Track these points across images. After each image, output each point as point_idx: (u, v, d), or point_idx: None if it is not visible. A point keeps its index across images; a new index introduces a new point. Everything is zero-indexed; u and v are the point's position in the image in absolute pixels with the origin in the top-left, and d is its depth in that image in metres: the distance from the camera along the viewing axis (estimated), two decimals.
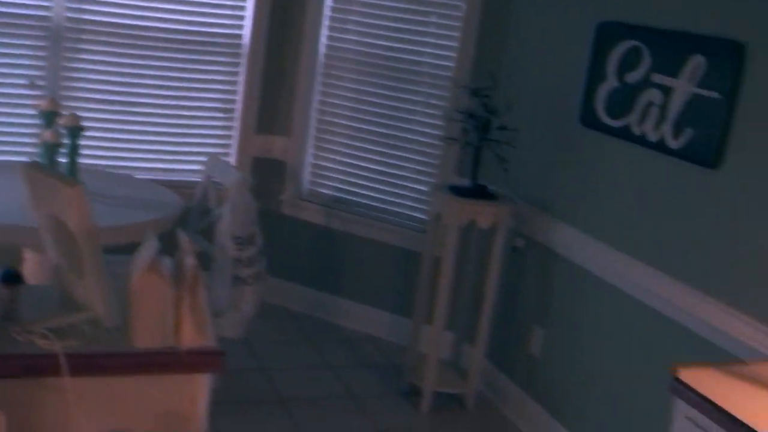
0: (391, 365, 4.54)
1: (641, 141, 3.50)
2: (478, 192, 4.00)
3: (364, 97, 4.71)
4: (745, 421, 2.13)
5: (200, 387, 2.20)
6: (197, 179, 4.45)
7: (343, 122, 4.80)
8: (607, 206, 3.69)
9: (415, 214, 4.66)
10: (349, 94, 4.75)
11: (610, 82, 3.68)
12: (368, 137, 4.74)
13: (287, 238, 4.97)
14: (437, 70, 4.52)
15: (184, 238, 2.25)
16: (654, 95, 3.46)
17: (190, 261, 2.15)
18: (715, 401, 2.22)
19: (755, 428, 2.11)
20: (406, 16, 4.55)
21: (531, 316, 4.14)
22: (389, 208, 4.75)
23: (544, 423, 3.99)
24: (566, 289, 3.91)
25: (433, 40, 4.53)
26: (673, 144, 3.35)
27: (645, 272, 3.43)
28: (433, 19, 4.53)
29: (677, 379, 2.32)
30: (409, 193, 4.69)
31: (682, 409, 2.32)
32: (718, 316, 3.05)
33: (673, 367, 2.36)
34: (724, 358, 2.88)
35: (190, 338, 2.16)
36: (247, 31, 4.71)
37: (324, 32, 4.74)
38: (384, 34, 4.61)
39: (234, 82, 4.79)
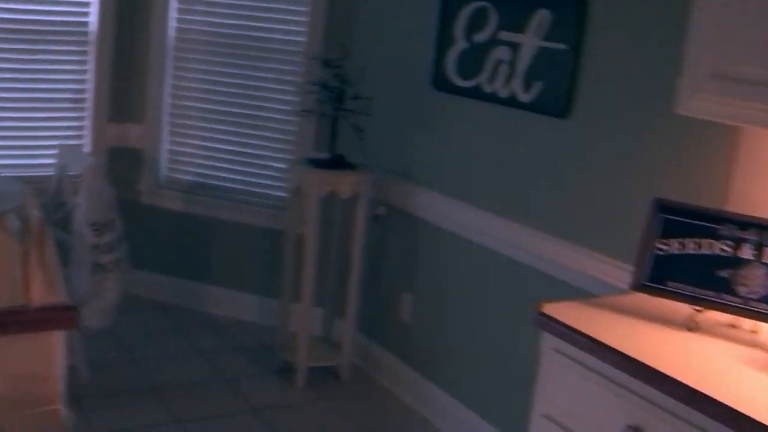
0: (263, 347, 4.49)
1: (493, 98, 3.55)
2: (336, 163, 3.99)
3: (217, 78, 4.63)
4: (611, 344, 2.18)
5: (55, 345, 2.10)
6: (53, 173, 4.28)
7: (198, 105, 4.71)
8: (464, 166, 3.73)
9: (276, 193, 4.62)
10: (201, 76, 4.67)
11: (459, 44, 3.71)
12: (224, 118, 4.67)
13: (148, 229, 4.85)
14: (288, 45, 4.48)
15: (27, 192, 2.13)
16: (502, 52, 3.51)
17: (35, 214, 2.05)
18: (579, 329, 2.25)
19: (620, 350, 2.15)
20: None
21: (398, 282, 4.15)
22: (250, 189, 4.69)
23: (419, 386, 4.01)
24: (431, 252, 3.93)
25: (282, 16, 4.49)
26: (524, 98, 3.41)
27: (506, 226, 3.48)
28: None
29: (542, 314, 2.35)
30: (269, 172, 4.64)
31: (549, 342, 2.36)
32: (574, 258, 3.14)
33: (537, 305, 2.39)
34: (582, 296, 2.95)
35: (40, 295, 2.06)
36: (93, 18, 4.57)
37: (172, 15, 4.64)
38: (232, 12, 4.55)
39: (83, 71, 4.64)
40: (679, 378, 2.03)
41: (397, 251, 4.16)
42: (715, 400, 1.94)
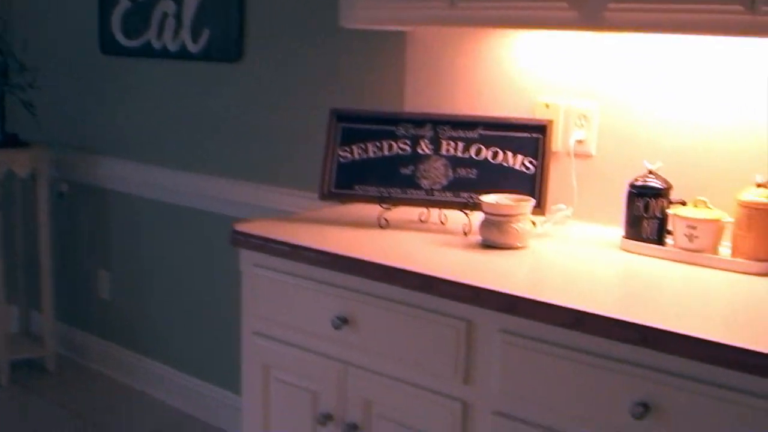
0: None
1: (164, 54, 3.46)
2: (8, 142, 3.73)
3: None
4: (308, 245, 2.17)
5: None
6: None
7: None
8: (145, 128, 3.61)
9: None
10: None
11: (123, 4, 3.58)
12: None
13: None
14: None
15: None
16: (167, 6, 3.43)
17: None
18: (276, 238, 2.23)
19: (318, 248, 2.15)
20: None
21: (93, 261, 3.96)
22: None
23: (130, 362, 3.85)
24: (123, 222, 3.78)
25: None
26: (194, 48, 3.35)
27: (194, 180, 3.41)
28: None
29: (237, 232, 2.30)
30: None
31: (247, 258, 2.32)
32: (265, 197, 3.15)
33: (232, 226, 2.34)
34: None
35: None
36: None
37: None
38: None
39: None
40: (377, 261, 2.05)
41: (87, 228, 3.97)
42: (412, 272, 1.98)
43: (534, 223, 2.25)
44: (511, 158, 2.36)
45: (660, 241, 2.19)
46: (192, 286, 3.53)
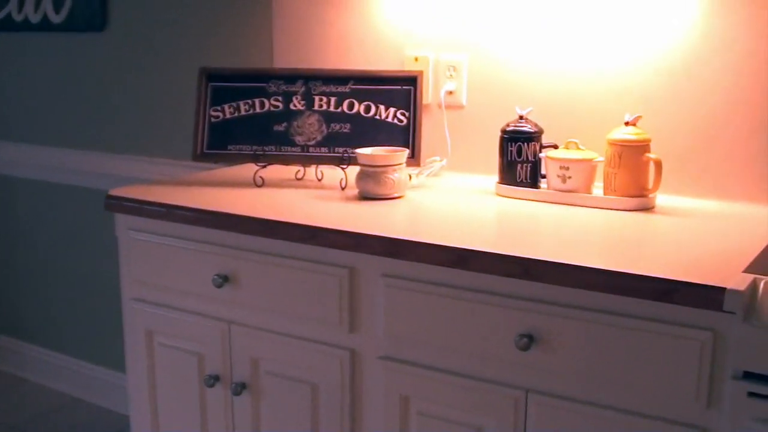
0: None
1: (26, 26, 3.29)
2: None
3: None
4: (184, 205, 2.09)
5: None
6: None
7: None
8: (9, 104, 3.43)
9: None
10: None
11: None
12: None
13: None
14: None
15: None
16: None
17: None
18: (150, 200, 2.14)
19: (195, 207, 2.07)
20: None
21: None
22: None
23: (8, 347, 3.66)
24: (3, 208, 3.58)
25: None
26: (56, 19, 3.19)
27: (64, 155, 3.27)
28: None
29: (111, 197, 2.20)
30: None
31: (122, 223, 2.22)
32: (142, 168, 3.02)
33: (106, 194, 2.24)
34: None
35: None
36: None
37: None
38: None
39: None
40: (256, 215, 1.98)
41: None
42: (291, 224, 1.93)
43: (410, 176, 2.21)
44: (383, 111, 2.33)
45: (534, 185, 2.20)
46: (71, 265, 3.39)
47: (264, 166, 2.33)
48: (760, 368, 1.45)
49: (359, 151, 2.17)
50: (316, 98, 2.35)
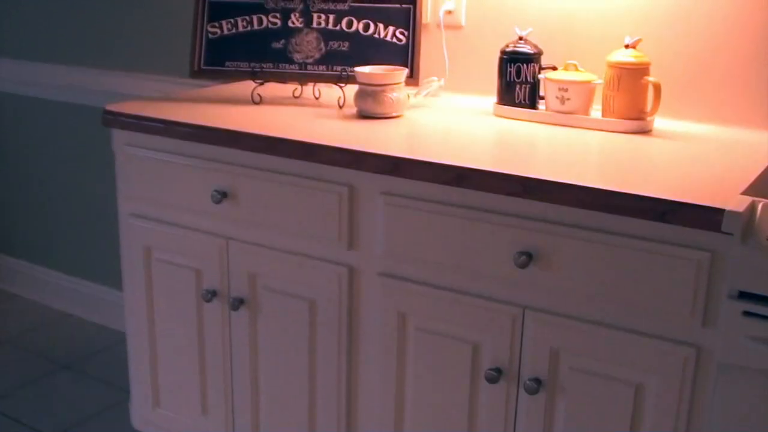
0: None
1: None
2: None
3: None
4: (182, 120, 2.07)
5: None
6: None
7: None
8: (9, 20, 3.37)
9: None
10: None
11: None
12: None
13: None
14: None
15: None
16: None
17: None
18: (148, 115, 2.12)
19: (193, 122, 2.05)
20: None
21: None
22: None
23: (12, 267, 3.66)
24: (6, 125, 3.54)
25: None
26: None
27: (60, 72, 3.23)
28: None
29: (109, 112, 2.18)
30: None
31: (119, 138, 2.20)
32: (138, 85, 2.98)
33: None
34: None
35: None
36: None
37: None
38: None
39: None
40: (254, 131, 1.97)
41: None
42: (292, 140, 1.92)
43: (408, 96, 2.20)
44: (382, 30, 2.30)
45: (533, 106, 2.19)
46: (65, 182, 3.37)
47: (261, 83, 2.31)
48: (755, 288, 1.47)
49: (358, 69, 2.15)
50: (315, 15, 2.32)
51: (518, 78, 2.18)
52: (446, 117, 2.17)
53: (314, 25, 2.32)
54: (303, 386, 2.06)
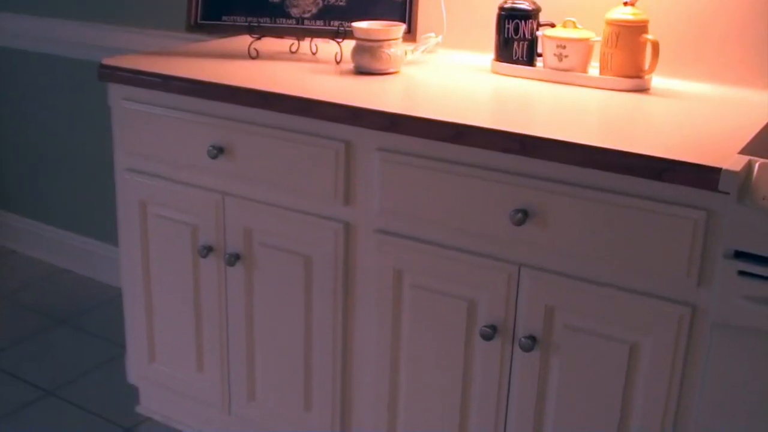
0: None
1: None
2: None
3: None
4: (178, 75, 2.05)
5: None
6: None
7: None
8: None
9: None
10: None
11: None
12: None
13: None
14: None
15: None
16: None
17: None
18: (144, 70, 2.10)
19: (189, 77, 2.04)
20: None
21: None
22: None
23: (8, 222, 3.65)
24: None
25: None
26: None
27: (57, 26, 3.19)
28: None
29: (105, 66, 2.16)
30: None
31: (116, 93, 2.19)
32: (133, 40, 2.98)
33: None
34: None
35: None
36: None
37: None
38: None
39: None
40: (251, 86, 1.96)
41: None
42: (288, 96, 1.91)
43: (405, 52, 2.18)
44: None
45: (530, 63, 2.18)
46: (61, 137, 3.35)
47: (258, 38, 2.29)
48: (751, 248, 1.47)
49: (355, 24, 2.13)
50: None
51: (516, 35, 2.16)
52: (444, 74, 2.16)
53: None
54: (298, 343, 2.07)
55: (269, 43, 2.33)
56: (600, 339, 1.66)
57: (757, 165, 1.47)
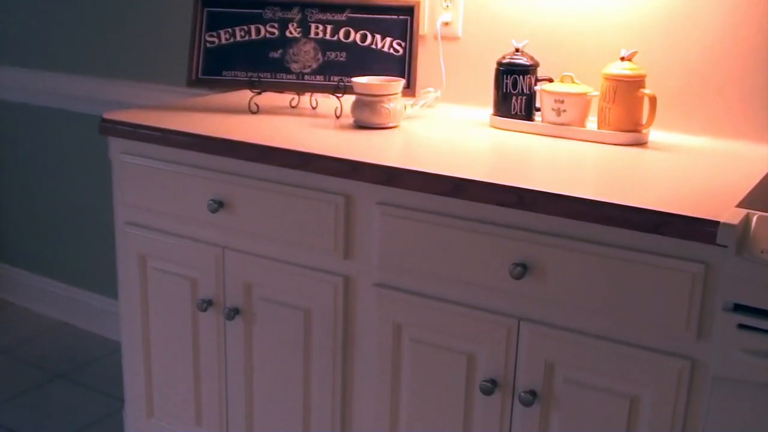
0: None
1: None
2: None
3: None
4: (179, 129, 2.07)
5: None
6: None
7: None
8: (7, 28, 3.37)
9: None
10: None
11: None
12: None
13: None
14: None
15: None
16: None
17: None
18: (144, 124, 2.12)
19: (190, 131, 2.05)
20: None
21: None
22: None
23: (7, 275, 3.65)
24: (8, 134, 3.53)
25: None
26: None
27: (58, 80, 3.22)
28: None
29: (106, 120, 2.18)
30: None
31: (116, 146, 2.20)
32: (136, 94, 2.98)
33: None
34: None
35: None
36: None
37: None
38: None
39: None
40: (251, 141, 1.97)
41: None
42: (288, 150, 1.92)
43: (405, 106, 2.21)
44: (379, 41, 2.31)
45: (529, 117, 2.19)
46: (61, 190, 3.37)
47: (259, 93, 2.32)
48: (750, 301, 1.47)
49: (355, 79, 2.16)
50: (312, 26, 2.33)
51: (514, 89, 2.18)
52: (442, 128, 2.18)
53: (312, 35, 2.33)
54: (298, 397, 2.06)
55: (270, 98, 2.35)
56: (600, 393, 1.66)
57: (755, 218, 1.47)
